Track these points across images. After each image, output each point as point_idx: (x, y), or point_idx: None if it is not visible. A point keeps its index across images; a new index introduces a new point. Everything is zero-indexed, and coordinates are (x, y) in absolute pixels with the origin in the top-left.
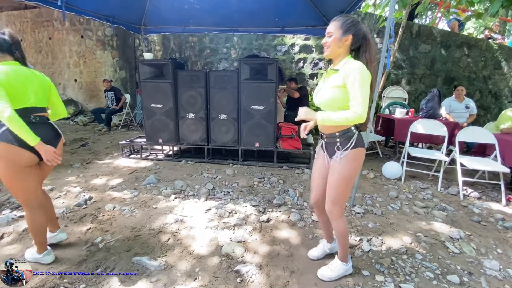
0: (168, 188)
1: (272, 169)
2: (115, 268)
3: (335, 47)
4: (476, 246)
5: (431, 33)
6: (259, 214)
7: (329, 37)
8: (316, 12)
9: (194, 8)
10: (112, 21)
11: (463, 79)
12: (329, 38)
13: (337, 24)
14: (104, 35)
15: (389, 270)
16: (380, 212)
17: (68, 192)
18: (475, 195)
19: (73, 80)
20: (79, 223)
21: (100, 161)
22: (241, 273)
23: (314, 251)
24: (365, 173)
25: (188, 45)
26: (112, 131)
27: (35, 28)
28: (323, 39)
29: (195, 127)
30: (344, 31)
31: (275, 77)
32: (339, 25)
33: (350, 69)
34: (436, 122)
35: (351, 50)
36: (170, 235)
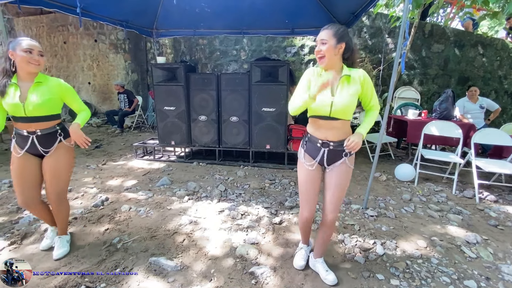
0: (181, 190)
1: (283, 171)
2: (133, 268)
3: (331, 55)
4: (493, 250)
5: (444, 32)
6: (271, 216)
7: (323, 44)
8: (327, 13)
9: (204, 11)
10: (125, 25)
11: (478, 79)
12: (323, 46)
13: (330, 32)
14: (117, 38)
15: (404, 274)
16: (393, 215)
17: (85, 193)
18: (491, 198)
19: (87, 83)
20: (97, 223)
21: (114, 162)
22: (256, 274)
23: (300, 260)
24: (377, 176)
25: (199, 48)
26: (124, 133)
27: (50, 32)
28: (316, 47)
29: (206, 129)
30: (338, 39)
31: (286, 79)
32: (333, 33)
33: (365, 77)
34: (450, 124)
35: (343, 58)
36: (185, 236)
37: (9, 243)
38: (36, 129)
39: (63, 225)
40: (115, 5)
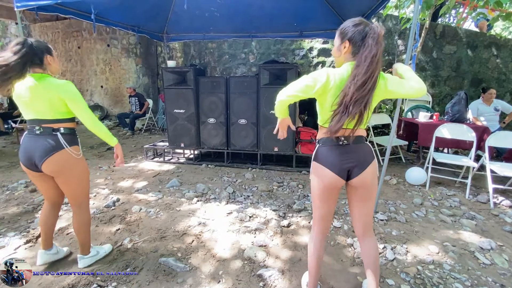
0: (191, 191)
1: (291, 173)
2: (143, 268)
3: (336, 57)
4: (508, 257)
5: (457, 33)
6: (279, 219)
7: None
8: (335, 15)
9: (214, 15)
10: (137, 30)
11: (492, 81)
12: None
13: (337, 32)
14: (129, 43)
15: (415, 280)
16: (404, 220)
17: (97, 193)
18: (506, 204)
19: (100, 86)
20: (109, 223)
21: (125, 164)
22: (264, 277)
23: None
24: (387, 179)
25: (208, 51)
26: (135, 135)
27: (65, 38)
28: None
29: (215, 131)
30: (341, 38)
31: None
32: (338, 33)
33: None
34: (463, 127)
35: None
36: (193, 237)
37: (25, 242)
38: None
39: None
40: (127, 11)
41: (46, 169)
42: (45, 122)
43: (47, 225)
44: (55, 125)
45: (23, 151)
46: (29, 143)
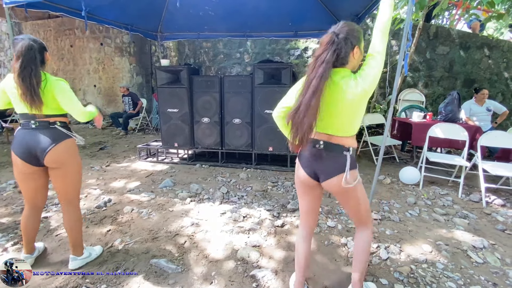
0: (184, 191)
1: (286, 173)
2: (134, 269)
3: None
4: (500, 256)
5: (450, 34)
6: (273, 219)
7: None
8: (330, 16)
9: (208, 14)
10: (130, 29)
11: (484, 81)
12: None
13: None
14: (122, 42)
15: (409, 279)
16: (397, 219)
17: (89, 194)
18: (498, 202)
19: (93, 85)
20: (100, 224)
21: (118, 164)
22: (257, 278)
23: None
24: (381, 179)
25: (202, 51)
26: (129, 135)
27: (57, 36)
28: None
29: (209, 131)
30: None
31: (289, 81)
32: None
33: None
34: (456, 126)
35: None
36: (186, 238)
37: (12, 244)
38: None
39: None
40: (120, 9)
41: (50, 158)
42: (40, 116)
43: (27, 229)
44: (51, 119)
45: (20, 145)
46: (28, 136)
